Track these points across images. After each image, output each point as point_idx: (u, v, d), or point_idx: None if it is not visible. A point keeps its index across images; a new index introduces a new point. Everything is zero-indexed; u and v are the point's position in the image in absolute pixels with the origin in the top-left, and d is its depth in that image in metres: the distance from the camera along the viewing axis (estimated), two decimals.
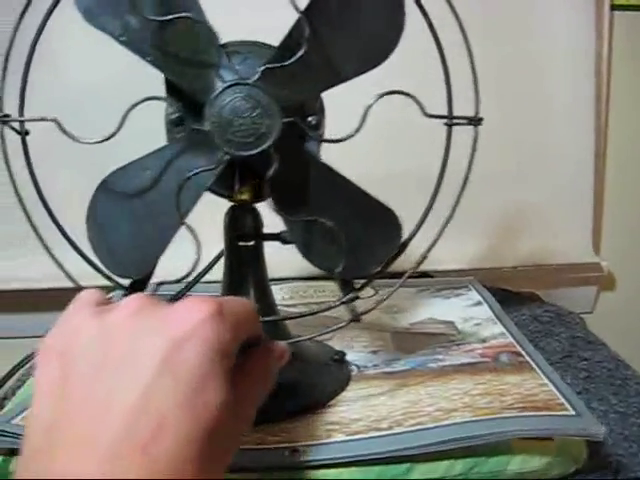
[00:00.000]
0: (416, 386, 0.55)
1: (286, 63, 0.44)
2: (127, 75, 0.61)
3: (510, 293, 0.92)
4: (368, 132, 0.47)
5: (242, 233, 0.54)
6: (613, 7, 0.96)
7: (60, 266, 0.49)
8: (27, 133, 0.49)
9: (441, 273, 0.92)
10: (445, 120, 0.51)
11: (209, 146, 0.46)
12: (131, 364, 0.30)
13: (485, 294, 0.76)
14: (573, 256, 0.99)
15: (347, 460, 0.46)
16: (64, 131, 0.45)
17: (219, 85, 0.45)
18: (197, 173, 0.46)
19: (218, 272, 0.57)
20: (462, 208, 0.94)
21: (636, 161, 1.03)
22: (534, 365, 0.58)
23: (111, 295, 0.76)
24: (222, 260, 0.56)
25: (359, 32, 0.47)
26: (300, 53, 0.44)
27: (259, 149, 0.45)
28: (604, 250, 1.05)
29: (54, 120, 0.45)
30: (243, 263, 0.55)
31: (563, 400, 0.51)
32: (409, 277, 0.87)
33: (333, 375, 0.58)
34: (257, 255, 0.55)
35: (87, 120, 0.52)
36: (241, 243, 0.54)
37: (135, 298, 0.34)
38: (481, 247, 0.96)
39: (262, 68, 0.45)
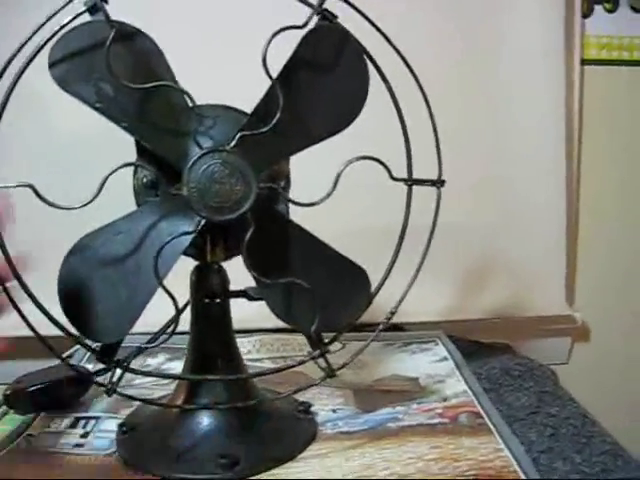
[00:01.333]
0: (372, 449, 0.54)
1: (263, 130, 0.45)
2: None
3: (482, 345, 0.92)
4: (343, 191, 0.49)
5: (209, 291, 0.54)
6: (583, 62, 0.97)
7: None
8: None
9: (413, 325, 0.92)
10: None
11: (184, 210, 0.46)
12: None
13: (451, 349, 0.76)
14: (546, 308, 0.99)
15: None
16: (40, 197, 0.45)
17: (196, 151, 0.46)
18: (176, 237, 0.46)
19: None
20: (436, 260, 0.95)
21: (608, 213, 1.04)
22: (492, 428, 0.58)
23: (72, 351, 0.76)
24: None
25: (329, 95, 0.49)
26: (275, 120, 0.45)
27: (237, 214, 0.46)
28: (578, 301, 1.05)
29: (30, 186, 0.45)
30: (209, 319, 0.55)
31: (517, 467, 0.51)
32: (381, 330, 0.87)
33: (300, 428, 0.58)
34: (223, 311, 0.55)
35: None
36: (207, 300, 0.54)
37: None
38: (454, 299, 0.96)
39: (238, 135, 0.45)
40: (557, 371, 0.90)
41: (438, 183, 0.56)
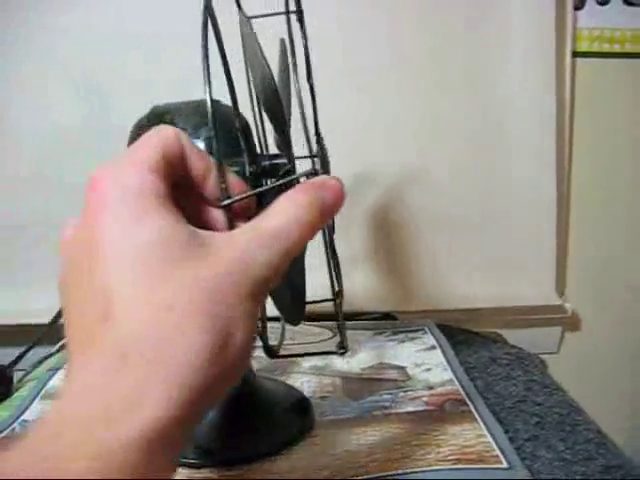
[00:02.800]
0: (357, 436, 0.55)
1: None
2: None
3: (472, 334, 0.93)
4: None
5: None
6: (575, 54, 0.98)
7: None
8: None
9: (403, 314, 0.93)
10: None
11: None
12: None
13: (440, 338, 0.77)
14: (537, 298, 1.00)
15: None
16: None
17: None
18: None
19: None
20: (425, 250, 0.97)
21: (599, 204, 1.05)
22: (476, 415, 0.59)
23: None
24: None
25: None
26: None
27: None
28: (569, 290, 1.06)
29: None
30: None
31: (498, 452, 0.52)
32: (370, 319, 0.89)
33: (292, 426, 0.58)
34: None
35: None
36: None
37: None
38: (445, 288, 0.97)
39: None
40: (547, 361, 0.91)
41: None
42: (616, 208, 1.05)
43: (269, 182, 0.49)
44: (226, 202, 0.36)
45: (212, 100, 0.35)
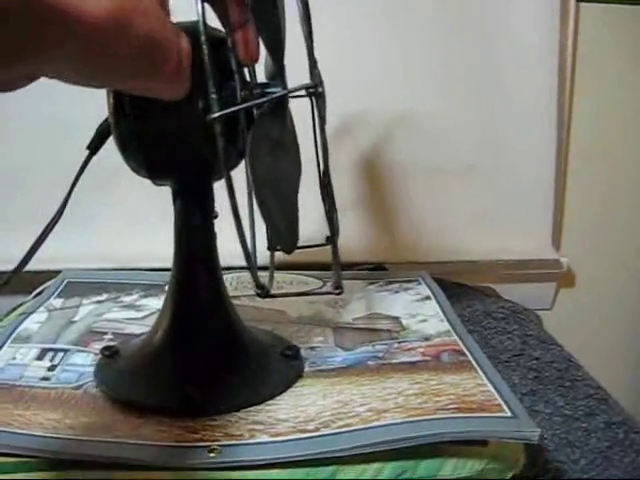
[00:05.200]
0: (350, 385, 0.52)
1: None
2: None
3: (465, 287, 0.90)
4: None
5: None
6: None
7: None
8: None
9: (397, 265, 0.90)
10: None
11: None
12: None
13: (435, 289, 0.74)
14: (532, 252, 0.98)
15: (267, 462, 0.44)
16: None
17: None
18: None
19: None
20: (420, 201, 0.94)
21: (599, 157, 1.02)
22: (475, 364, 0.55)
23: (41, 289, 0.74)
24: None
25: None
26: None
27: None
28: (564, 246, 1.04)
29: None
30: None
31: (500, 401, 0.49)
32: (362, 269, 0.85)
33: (279, 374, 0.55)
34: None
35: None
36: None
37: None
38: (439, 240, 0.94)
39: None
40: (541, 317, 0.89)
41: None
42: (617, 162, 1.03)
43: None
44: (215, 115, 0.34)
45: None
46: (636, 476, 0.53)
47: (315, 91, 0.41)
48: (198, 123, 0.41)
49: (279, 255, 0.55)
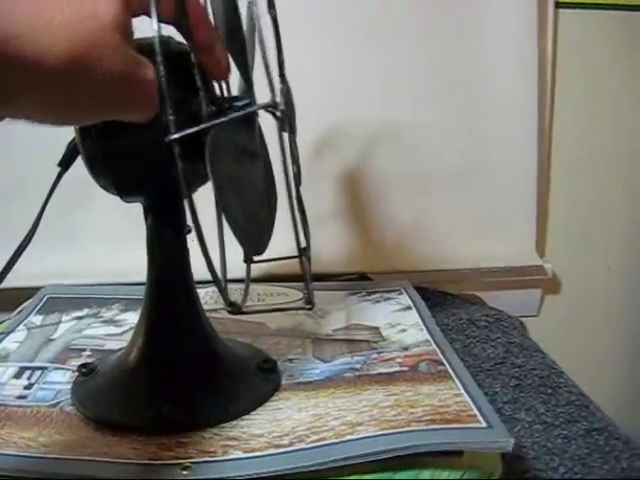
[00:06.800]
0: (325, 398, 0.52)
1: None
2: None
3: (450, 296, 0.90)
4: None
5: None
6: (558, 4, 0.94)
7: None
8: None
9: (381, 275, 0.90)
10: None
11: None
12: None
13: (416, 298, 0.73)
14: (516, 259, 0.97)
15: (240, 479, 0.43)
16: None
17: None
18: None
19: None
20: (403, 209, 0.94)
21: (581, 162, 1.02)
22: (453, 374, 0.55)
23: (22, 308, 0.73)
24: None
25: None
26: None
27: None
28: (549, 252, 1.03)
29: None
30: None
31: (476, 411, 0.49)
32: (345, 280, 0.85)
33: (255, 388, 0.54)
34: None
35: None
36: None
37: None
38: (423, 249, 0.94)
39: None
40: (527, 324, 0.89)
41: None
42: (599, 166, 1.02)
43: None
44: (173, 137, 0.34)
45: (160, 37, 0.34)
46: None
47: (273, 111, 0.41)
48: (161, 143, 0.41)
49: (260, 267, 0.55)
